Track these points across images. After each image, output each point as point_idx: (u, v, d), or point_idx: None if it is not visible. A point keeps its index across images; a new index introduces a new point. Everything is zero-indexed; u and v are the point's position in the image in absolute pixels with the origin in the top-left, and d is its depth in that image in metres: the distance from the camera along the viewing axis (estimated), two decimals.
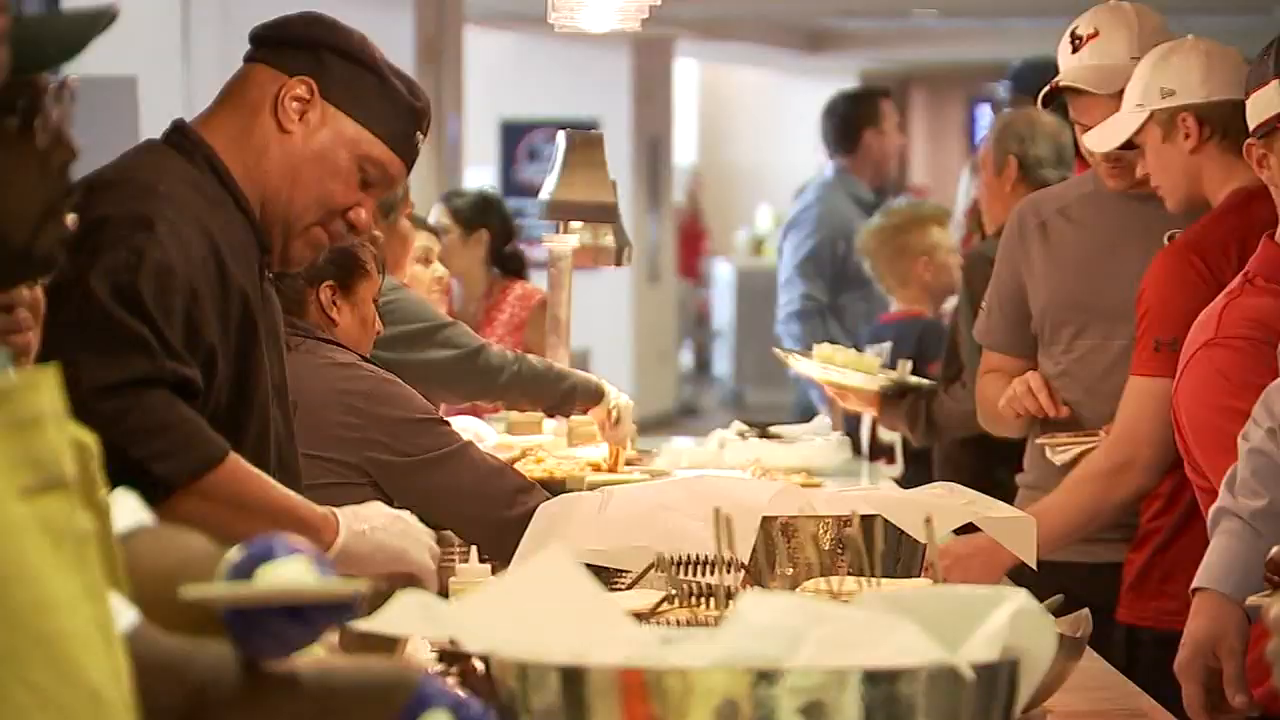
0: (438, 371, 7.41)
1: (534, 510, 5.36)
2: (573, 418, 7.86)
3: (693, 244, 25.29)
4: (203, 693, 3.09)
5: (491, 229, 10.16)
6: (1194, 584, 4.91)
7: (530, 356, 7.76)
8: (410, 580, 2.86)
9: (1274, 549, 4.45)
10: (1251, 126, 5.34)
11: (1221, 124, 6.00)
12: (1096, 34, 6.67)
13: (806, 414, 10.53)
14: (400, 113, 4.83)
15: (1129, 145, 6.22)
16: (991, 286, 6.97)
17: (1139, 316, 6.09)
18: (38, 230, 3.29)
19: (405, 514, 4.94)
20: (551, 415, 8.00)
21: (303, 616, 2.99)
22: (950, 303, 9.91)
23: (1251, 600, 4.52)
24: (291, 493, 4.80)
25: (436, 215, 10.13)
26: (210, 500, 4.59)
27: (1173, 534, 6.23)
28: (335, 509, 4.86)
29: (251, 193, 4.79)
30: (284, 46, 4.80)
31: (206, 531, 4.18)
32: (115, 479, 3.35)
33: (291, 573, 3.04)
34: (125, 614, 3.11)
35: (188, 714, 3.06)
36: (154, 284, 4.51)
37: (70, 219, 3.31)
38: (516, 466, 6.64)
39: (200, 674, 3.10)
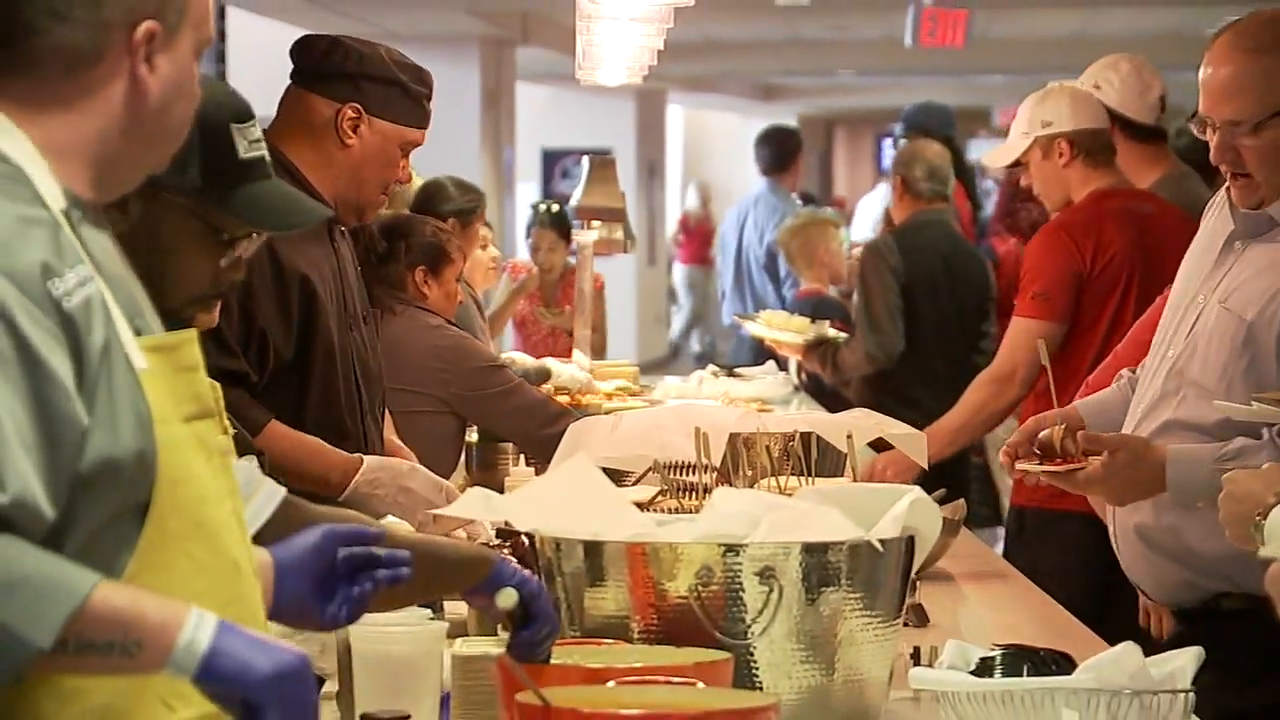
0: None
1: (565, 429, 5.34)
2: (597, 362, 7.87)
3: (705, 238, 25.21)
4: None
5: (564, 233, 10.26)
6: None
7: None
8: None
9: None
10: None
11: (1085, 145, 6.18)
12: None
13: (757, 358, 10.53)
14: (419, 101, 4.79)
15: (1015, 163, 6.32)
16: None
17: (1023, 274, 6.15)
18: (184, 309, 3.31)
19: (417, 479, 4.88)
20: None
21: None
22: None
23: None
24: (323, 448, 4.75)
25: (529, 222, 10.43)
26: (270, 450, 4.47)
27: None
28: (369, 460, 4.80)
29: (325, 190, 4.71)
30: (329, 79, 4.73)
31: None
32: None
33: None
34: (280, 489, 3.09)
35: None
36: None
37: None
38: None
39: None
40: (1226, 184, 4.35)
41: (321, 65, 4.74)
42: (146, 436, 2.50)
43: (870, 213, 13.07)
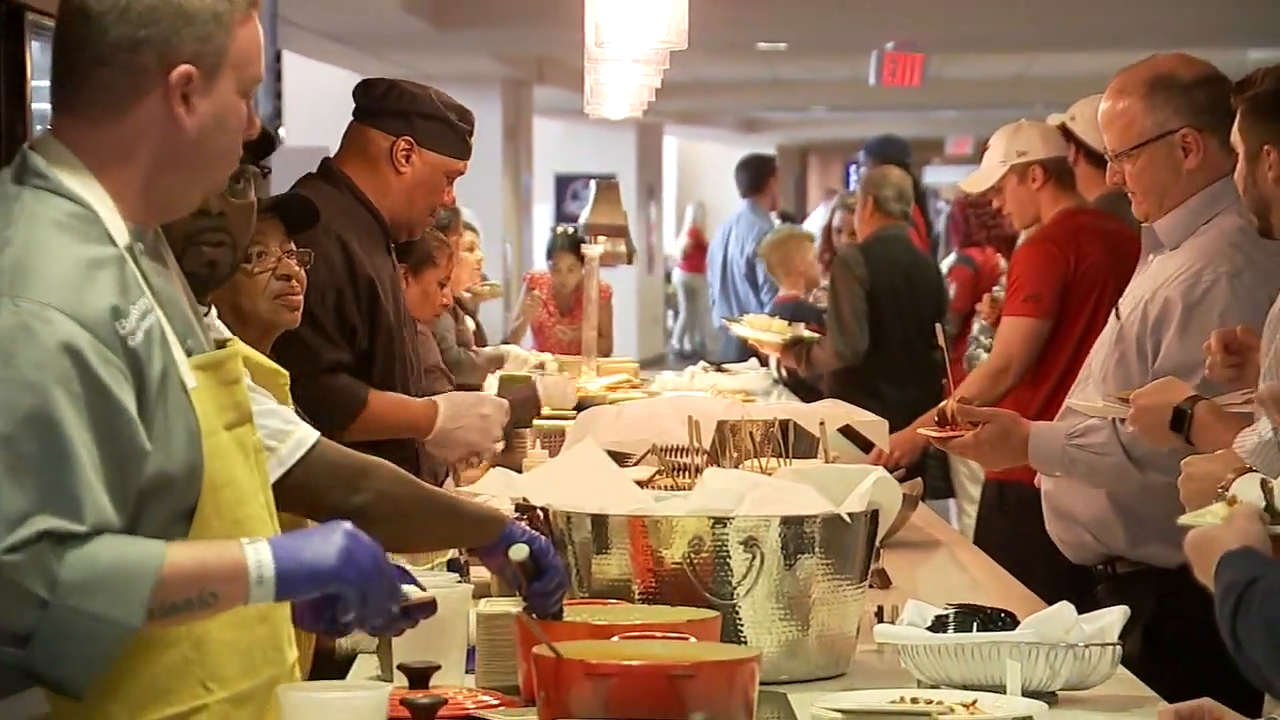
0: None
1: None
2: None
3: (703, 251, 25.27)
4: (376, 500, 3.04)
5: (580, 254, 10.26)
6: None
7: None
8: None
9: None
10: None
11: (1055, 171, 6.19)
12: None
13: (742, 356, 10.54)
14: (462, 136, 4.80)
15: (992, 188, 6.37)
16: None
17: (1012, 279, 6.18)
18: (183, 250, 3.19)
19: (487, 404, 4.91)
20: None
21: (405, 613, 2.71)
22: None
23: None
24: (408, 400, 4.78)
25: (550, 245, 10.43)
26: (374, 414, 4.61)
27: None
28: (441, 400, 4.84)
29: (383, 210, 4.76)
30: (386, 115, 4.72)
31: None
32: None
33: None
34: (313, 433, 3.03)
35: (358, 510, 2.96)
36: (314, 295, 4.42)
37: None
38: None
39: (375, 483, 3.05)
40: None
41: (380, 104, 4.75)
42: (195, 450, 2.48)
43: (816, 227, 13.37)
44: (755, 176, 13.78)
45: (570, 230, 10.60)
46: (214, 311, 3.28)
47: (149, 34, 2.41)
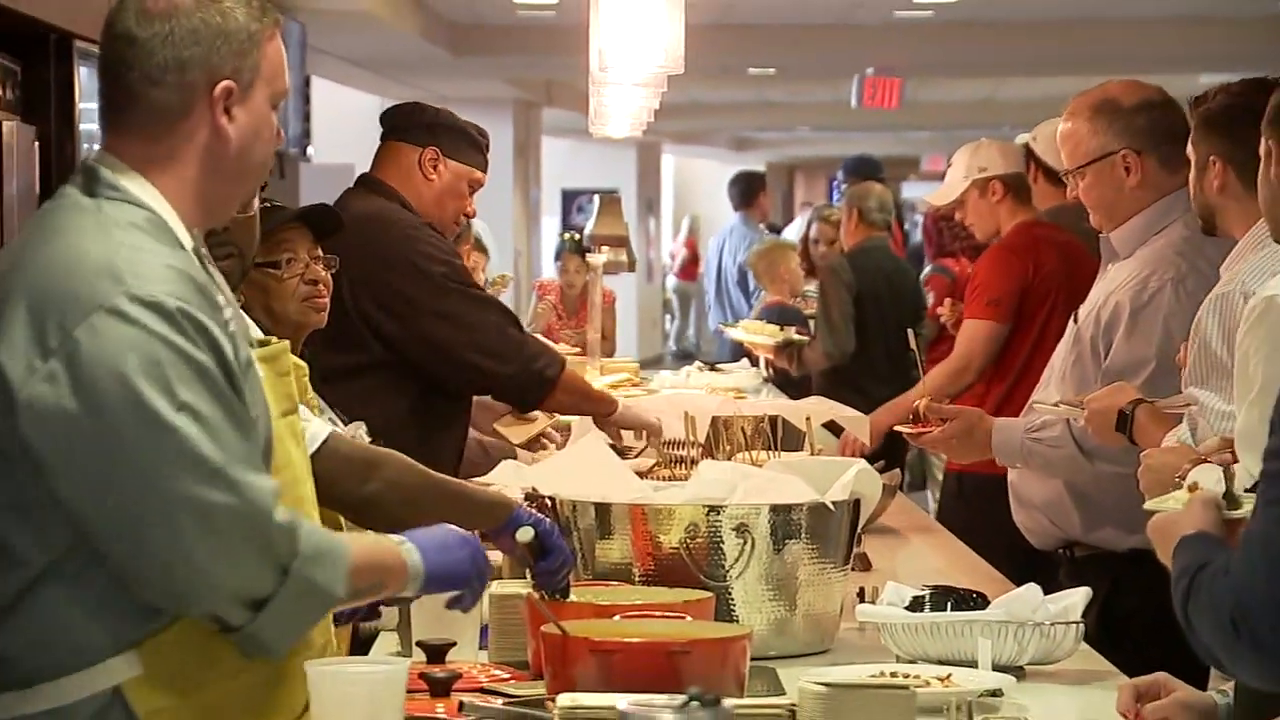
0: None
1: None
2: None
3: (696, 260, 25.26)
4: (386, 489, 3.06)
5: (583, 255, 10.25)
6: None
7: None
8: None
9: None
10: None
11: (1013, 186, 6.19)
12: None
13: (735, 356, 10.54)
14: (480, 149, 4.85)
15: (956, 201, 6.36)
16: None
17: (974, 285, 6.17)
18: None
19: None
20: None
21: None
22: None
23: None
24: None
25: (558, 249, 10.45)
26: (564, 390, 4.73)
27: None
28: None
29: (421, 214, 4.79)
30: (414, 130, 4.77)
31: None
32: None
33: None
34: (326, 427, 3.08)
35: (368, 498, 3.05)
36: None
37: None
38: None
39: (384, 473, 3.08)
40: None
41: (407, 120, 4.81)
42: (269, 433, 2.52)
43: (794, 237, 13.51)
44: (746, 191, 13.95)
45: (576, 236, 10.59)
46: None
47: (193, 54, 2.43)
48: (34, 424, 2.28)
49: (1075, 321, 4.35)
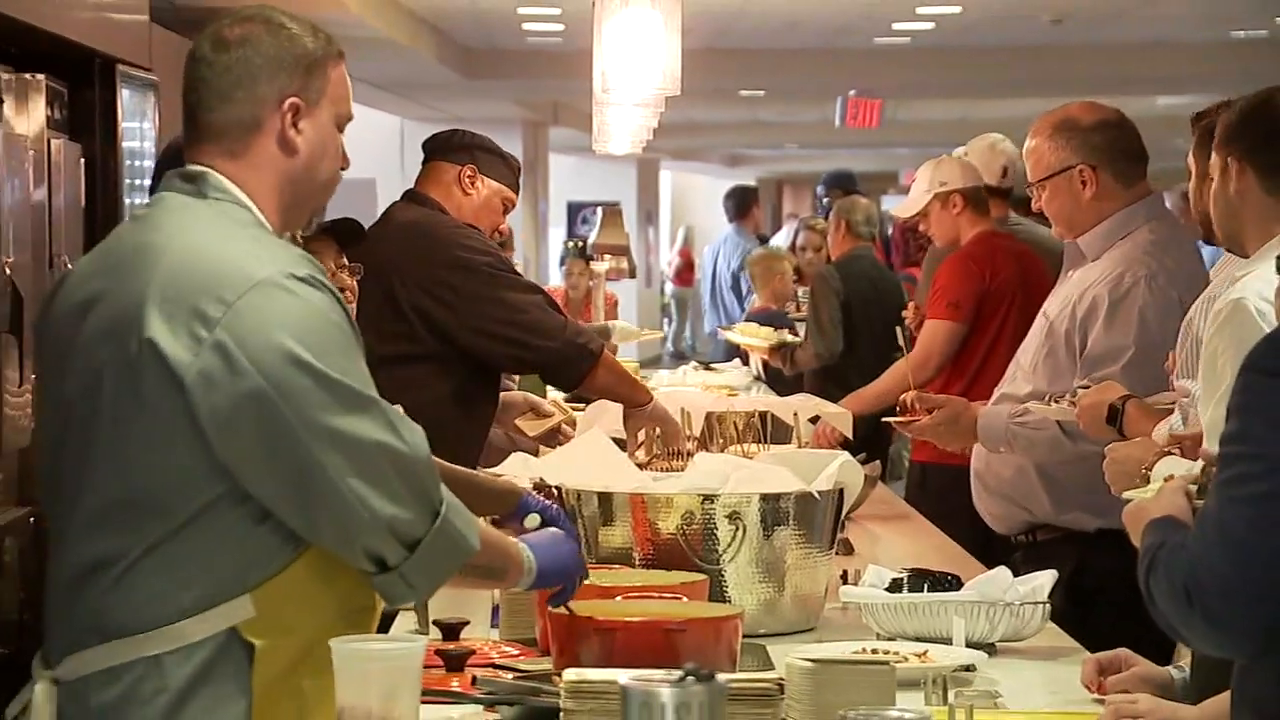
0: None
1: None
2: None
3: (691, 268, 25.24)
4: None
5: (587, 261, 10.24)
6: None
7: None
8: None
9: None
10: None
11: (972, 199, 6.15)
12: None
13: (728, 356, 10.54)
14: (513, 170, 4.84)
15: (920, 213, 6.33)
16: None
17: (936, 288, 6.15)
18: None
19: None
20: None
21: None
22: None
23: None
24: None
25: (563, 255, 10.47)
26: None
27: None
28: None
29: None
30: (454, 150, 4.78)
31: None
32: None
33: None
34: None
35: None
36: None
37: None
38: None
39: None
40: None
41: (448, 143, 4.82)
42: None
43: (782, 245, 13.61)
44: (741, 204, 14.04)
45: (580, 244, 10.61)
46: None
47: (266, 74, 2.50)
48: (207, 395, 2.35)
49: (1047, 318, 4.36)
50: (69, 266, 4.52)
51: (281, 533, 2.39)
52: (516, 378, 5.57)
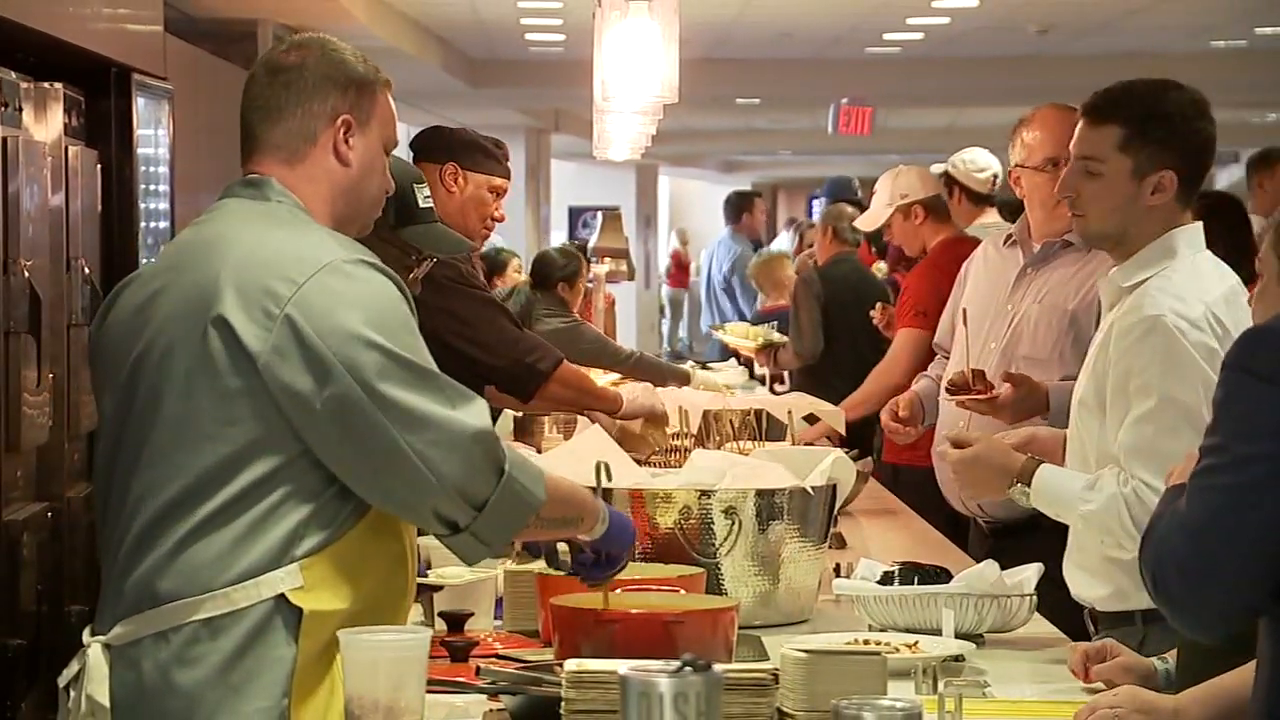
0: None
1: None
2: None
3: (684, 270, 25.23)
4: None
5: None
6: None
7: None
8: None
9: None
10: None
11: (933, 208, 6.16)
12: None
13: (724, 356, 10.55)
14: (498, 158, 4.78)
15: (884, 225, 6.31)
16: None
17: (904, 297, 6.13)
18: None
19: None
20: None
21: None
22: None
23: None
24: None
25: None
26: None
27: None
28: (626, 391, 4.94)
29: (448, 223, 4.76)
30: (433, 150, 4.73)
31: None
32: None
33: None
34: None
35: None
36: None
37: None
38: None
39: None
40: (995, 236, 4.67)
41: (428, 143, 4.77)
42: None
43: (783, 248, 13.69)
44: (735, 209, 14.10)
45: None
46: None
47: (321, 92, 2.60)
48: (279, 370, 2.41)
49: (1045, 304, 4.33)
50: (86, 270, 4.51)
51: (331, 508, 2.45)
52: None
